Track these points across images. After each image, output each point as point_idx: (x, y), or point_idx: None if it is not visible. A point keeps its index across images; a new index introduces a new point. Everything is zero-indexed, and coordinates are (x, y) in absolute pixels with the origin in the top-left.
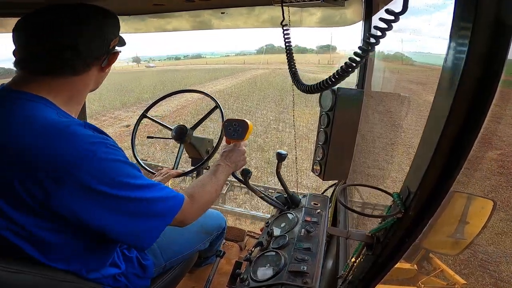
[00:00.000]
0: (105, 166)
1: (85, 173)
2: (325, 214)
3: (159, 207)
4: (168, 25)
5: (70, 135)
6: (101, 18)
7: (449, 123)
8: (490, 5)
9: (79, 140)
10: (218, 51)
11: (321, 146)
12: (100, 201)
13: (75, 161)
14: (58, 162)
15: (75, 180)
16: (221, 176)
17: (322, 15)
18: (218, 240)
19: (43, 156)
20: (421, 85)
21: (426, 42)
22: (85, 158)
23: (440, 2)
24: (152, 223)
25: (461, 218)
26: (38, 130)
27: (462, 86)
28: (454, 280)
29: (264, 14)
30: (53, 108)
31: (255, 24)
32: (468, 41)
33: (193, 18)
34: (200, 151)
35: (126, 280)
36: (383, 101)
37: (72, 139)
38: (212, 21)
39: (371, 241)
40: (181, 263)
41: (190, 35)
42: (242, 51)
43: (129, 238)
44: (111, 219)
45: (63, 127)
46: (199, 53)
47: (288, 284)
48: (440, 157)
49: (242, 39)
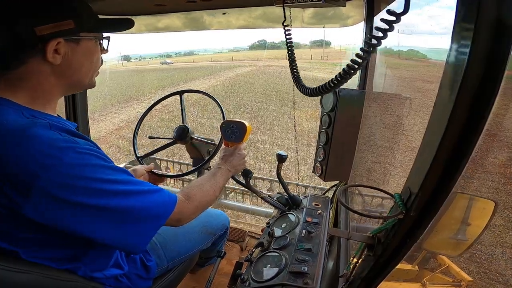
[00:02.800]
0: (76, 173)
1: (54, 183)
2: (326, 214)
3: (148, 212)
4: (158, 23)
5: (30, 140)
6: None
7: (451, 124)
8: (491, 5)
9: (41, 146)
10: (211, 48)
11: (322, 147)
12: (77, 212)
13: (38, 167)
14: (21, 173)
15: (43, 191)
16: (221, 179)
17: (323, 15)
18: (221, 241)
19: (4, 168)
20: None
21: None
22: (51, 167)
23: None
24: (142, 229)
25: (463, 219)
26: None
27: (464, 87)
28: (460, 277)
29: (257, 10)
30: (15, 107)
31: (248, 20)
32: (470, 41)
33: (185, 15)
34: (201, 151)
35: (128, 281)
36: (384, 101)
37: (33, 145)
38: (204, 17)
39: (372, 242)
40: (183, 263)
41: (184, 32)
42: (235, 47)
43: (118, 244)
44: (94, 229)
45: (20, 131)
46: (191, 50)
47: (289, 284)
48: (442, 158)
49: (235, 35)
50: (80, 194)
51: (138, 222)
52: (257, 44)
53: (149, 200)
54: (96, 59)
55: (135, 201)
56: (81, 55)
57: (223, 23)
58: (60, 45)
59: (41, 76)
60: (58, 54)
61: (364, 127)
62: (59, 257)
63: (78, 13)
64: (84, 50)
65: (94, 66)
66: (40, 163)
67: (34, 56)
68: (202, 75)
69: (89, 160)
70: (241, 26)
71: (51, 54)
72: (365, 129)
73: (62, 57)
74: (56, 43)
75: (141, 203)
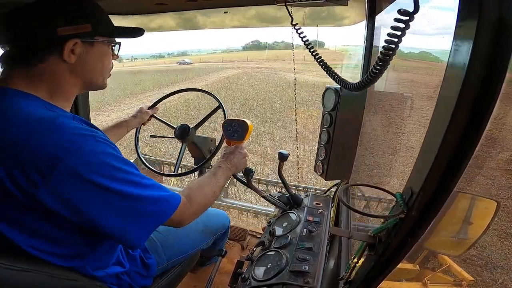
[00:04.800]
0: (95, 158)
1: (75, 162)
2: (327, 214)
3: (153, 207)
4: (151, 23)
5: (57, 127)
6: (37, 3)
7: (452, 123)
8: (493, 5)
9: (66, 132)
10: (205, 48)
11: (324, 146)
12: (91, 191)
13: (63, 152)
14: (45, 154)
15: (64, 170)
16: (221, 178)
17: (327, 14)
18: (222, 240)
19: (30, 148)
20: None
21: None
22: (73, 149)
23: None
24: (142, 223)
25: (465, 219)
26: (24, 123)
27: (466, 86)
28: (461, 276)
29: (252, 10)
30: (39, 102)
31: (242, 21)
32: (472, 41)
33: (178, 15)
34: (202, 150)
35: (129, 279)
36: (386, 100)
37: (59, 131)
38: (198, 17)
39: (373, 241)
40: (183, 262)
41: (178, 32)
42: (228, 47)
43: (116, 234)
44: (101, 212)
45: (49, 120)
46: (185, 50)
47: (290, 283)
48: (443, 157)
49: (230, 36)
50: (95, 174)
51: (143, 214)
52: (250, 45)
53: (155, 195)
54: (108, 62)
55: (143, 192)
56: (94, 56)
57: (217, 22)
58: (76, 46)
59: (58, 74)
60: (73, 54)
61: (366, 126)
62: (64, 253)
63: (96, 18)
64: (97, 52)
65: (106, 68)
66: (66, 148)
67: (52, 54)
68: (183, 78)
69: (106, 149)
70: (235, 26)
71: (68, 53)
72: (367, 128)
73: (77, 57)
74: (73, 44)
75: (149, 196)
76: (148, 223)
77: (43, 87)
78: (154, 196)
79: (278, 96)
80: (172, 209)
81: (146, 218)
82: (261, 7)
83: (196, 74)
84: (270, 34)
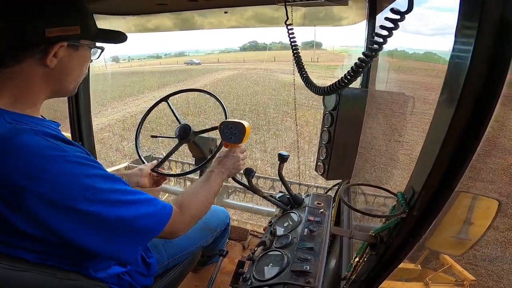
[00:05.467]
0: (65, 181)
1: (42, 189)
2: (328, 213)
3: (140, 224)
4: (148, 23)
5: (17, 148)
6: (24, 2)
7: (454, 122)
8: (495, 4)
9: (28, 154)
10: (203, 49)
11: (325, 146)
12: (67, 216)
13: (26, 180)
14: (8, 182)
15: (32, 198)
16: (214, 183)
17: (325, 14)
18: (223, 237)
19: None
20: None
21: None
22: (39, 177)
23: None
24: (131, 241)
25: (466, 218)
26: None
27: (468, 86)
28: (463, 276)
29: (249, 10)
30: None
31: (240, 21)
32: (473, 40)
33: (175, 15)
34: (203, 150)
35: (130, 278)
36: (387, 100)
37: (19, 154)
38: (195, 17)
39: (374, 241)
40: (185, 261)
41: (176, 32)
42: (226, 48)
43: (104, 254)
44: (84, 235)
45: (7, 139)
46: (182, 51)
47: (291, 283)
48: (445, 157)
49: (228, 36)
50: (68, 199)
51: (130, 233)
52: (248, 45)
53: (142, 212)
54: (85, 68)
55: (127, 211)
56: (75, 61)
57: (215, 23)
58: (61, 49)
59: (31, 78)
60: (55, 58)
61: (367, 125)
62: (65, 263)
63: (85, 20)
64: (80, 57)
65: (82, 74)
66: (29, 174)
67: (32, 56)
68: (175, 80)
69: (76, 169)
70: (232, 26)
71: (51, 56)
72: (368, 128)
73: (57, 61)
74: (59, 47)
75: (134, 215)
76: (137, 240)
77: (8, 92)
78: (141, 213)
79: (273, 100)
80: (162, 224)
81: (133, 236)
82: (259, 8)
83: (189, 76)
84: (268, 35)
